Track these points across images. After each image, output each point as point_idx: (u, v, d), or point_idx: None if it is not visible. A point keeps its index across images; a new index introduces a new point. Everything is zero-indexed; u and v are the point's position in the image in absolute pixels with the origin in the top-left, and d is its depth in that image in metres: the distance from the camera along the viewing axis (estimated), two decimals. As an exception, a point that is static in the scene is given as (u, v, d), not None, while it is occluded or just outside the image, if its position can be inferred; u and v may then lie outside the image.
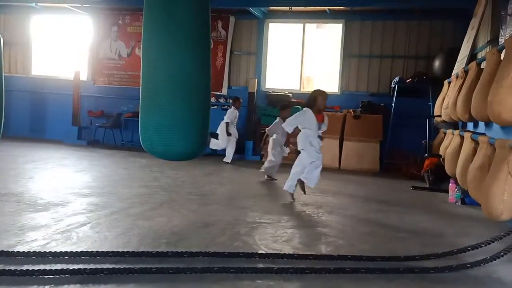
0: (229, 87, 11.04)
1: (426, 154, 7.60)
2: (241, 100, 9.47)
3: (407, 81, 9.59)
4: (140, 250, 3.24)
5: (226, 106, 10.90)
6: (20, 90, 11.69)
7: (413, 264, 3.35)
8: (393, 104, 9.41)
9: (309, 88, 10.81)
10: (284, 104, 7.49)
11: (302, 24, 10.71)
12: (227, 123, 9.05)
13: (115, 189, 5.72)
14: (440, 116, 7.28)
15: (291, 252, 3.47)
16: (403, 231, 4.50)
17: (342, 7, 9.85)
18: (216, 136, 9.10)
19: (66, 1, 10.65)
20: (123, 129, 11.21)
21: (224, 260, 3.19)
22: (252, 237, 3.93)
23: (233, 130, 9.20)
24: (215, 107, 10.96)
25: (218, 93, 11.00)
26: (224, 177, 7.52)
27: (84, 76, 11.71)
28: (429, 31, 9.88)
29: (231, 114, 9.15)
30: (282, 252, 3.42)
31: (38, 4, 11.29)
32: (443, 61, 8.92)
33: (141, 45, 3.78)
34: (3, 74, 6.09)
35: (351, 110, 9.75)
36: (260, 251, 3.46)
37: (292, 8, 10.02)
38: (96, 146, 10.89)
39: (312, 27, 10.82)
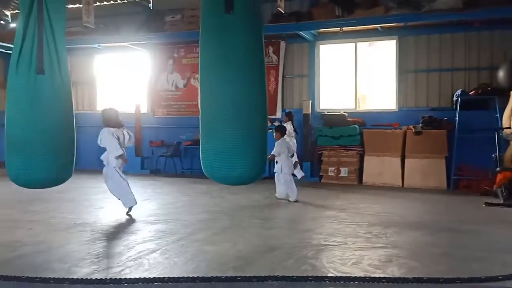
0: (283, 110, 11.10)
1: (498, 168, 7.13)
2: None
3: (470, 93, 9.15)
4: (209, 276, 3.28)
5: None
6: (87, 125, 12.42)
7: (495, 285, 3.12)
8: (456, 118, 8.98)
9: (364, 107, 10.65)
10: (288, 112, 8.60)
11: (353, 44, 10.63)
12: None
13: (179, 216, 5.87)
14: (509, 127, 6.87)
15: (361, 275, 3.35)
16: (480, 251, 4.20)
17: (394, 24, 9.69)
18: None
19: (126, 40, 11.39)
20: (182, 157, 11.57)
21: (293, 284, 3.15)
22: (319, 260, 3.85)
23: None
24: (270, 130, 11.05)
25: (273, 116, 11.09)
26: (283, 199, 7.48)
27: (144, 109, 12.31)
28: (490, 41, 9.41)
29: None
30: (353, 275, 3.31)
31: (101, 45, 12.13)
32: (508, 71, 8.46)
33: (199, 75, 3.90)
34: (74, 112, 6.52)
35: (411, 126, 9.41)
36: (329, 274, 3.38)
37: (343, 28, 10.00)
38: (158, 175, 11.29)
39: (364, 46, 10.70)
